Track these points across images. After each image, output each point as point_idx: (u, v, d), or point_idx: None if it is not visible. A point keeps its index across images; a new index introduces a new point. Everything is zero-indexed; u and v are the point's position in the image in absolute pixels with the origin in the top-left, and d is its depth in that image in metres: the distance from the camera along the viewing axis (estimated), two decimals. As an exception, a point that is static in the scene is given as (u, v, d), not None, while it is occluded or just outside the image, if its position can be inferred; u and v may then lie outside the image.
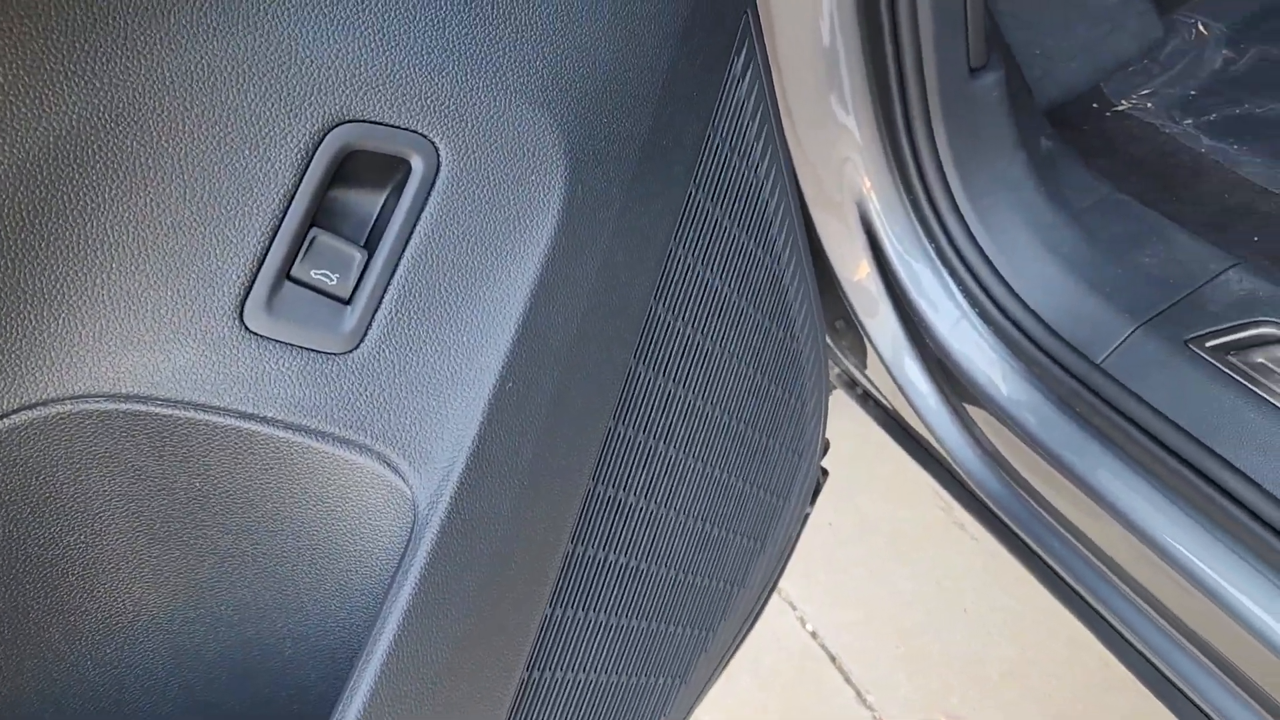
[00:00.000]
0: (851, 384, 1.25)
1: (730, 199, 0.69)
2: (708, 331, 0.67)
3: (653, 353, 0.63)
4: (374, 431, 0.51)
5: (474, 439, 0.52)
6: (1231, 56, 1.11)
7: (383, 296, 0.52)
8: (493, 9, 0.54)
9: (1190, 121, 1.06)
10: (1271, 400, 0.79)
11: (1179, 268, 0.94)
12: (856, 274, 1.01)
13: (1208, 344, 0.86)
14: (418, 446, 0.51)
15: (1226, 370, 0.83)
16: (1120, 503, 0.86)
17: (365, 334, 0.52)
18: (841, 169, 0.95)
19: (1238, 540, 0.78)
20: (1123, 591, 0.95)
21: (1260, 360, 0.84)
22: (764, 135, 0.71)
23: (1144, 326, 0.88)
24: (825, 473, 0.97)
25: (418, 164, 0.53)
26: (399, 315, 0.52)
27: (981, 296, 0.96)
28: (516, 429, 0.53)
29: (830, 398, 1.19)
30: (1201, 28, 1.15)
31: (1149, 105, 1.09)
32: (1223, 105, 1.06)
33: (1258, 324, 0.86)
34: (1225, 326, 0.86)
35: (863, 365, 1.12)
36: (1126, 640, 0.98)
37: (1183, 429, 0.81)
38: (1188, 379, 0.83)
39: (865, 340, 1.04)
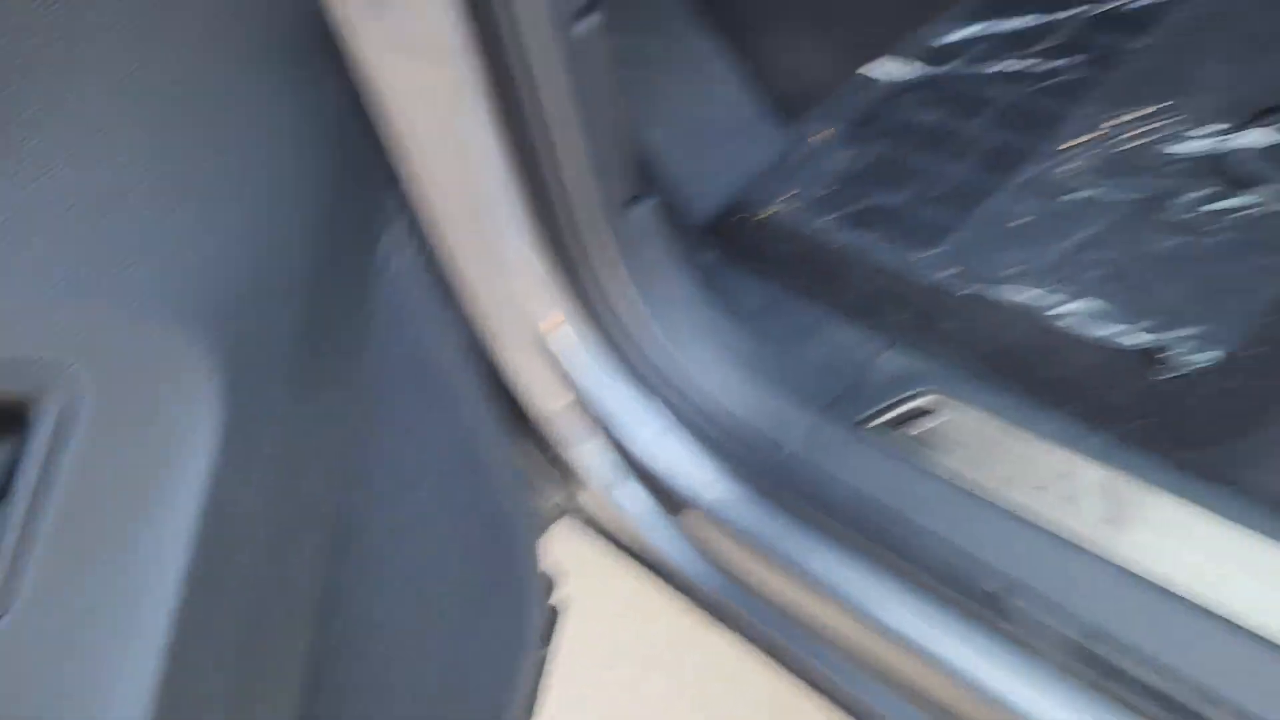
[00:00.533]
0: (571, 512, 1.27)
1: (406, 367, 0.69)
2: (406, 508, 0.66)
3: (352, 547, 0.61)
4: (31, 708, 0.46)
5: (153, 696, 0.47)
6: (853, 155, 1.25)
7: (25, 554, 0.47)
8: (117, 227, 0.51)
9: (827, 218, 1.17)
10: (930, 468, 0.88)
11: (842, 355, 1.03)
12: (557, 406, 1.03)
13: (875, 422, 0.94)
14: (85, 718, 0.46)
15: (892, 444, 0.91)
16: (831, 581, 0.91)
17: (9, 601, 0.47)
18: (526, 307, 0.97)
19: (935, 598, 0.85)
20: (851, 663, 1.01)
21: (917, 432, 0.93)
22: (432, 296, 0.72)
23: (821, 414, 0.95)
24: (557, 610, 0.96)
25: (52, 400, 0.49)
26: (47, 572, 0.48)
27: (680, 407, 1.00)
28: (204, 671, 0.49)
29: (554, 527, 1.19)
30: (824, 133, 1.28)
31: (790, 208, 1.20)
32: (851, 201, 1.19)
33: (912, 397, 0.95)
34: (887, 405, 0.95)
35: (577, 492, 1.14)
36: (863, 709, 1.03)
37: (868, 503, 0.87)
38: (864, 457, 0.91)
39: (576, 469, 1.06)
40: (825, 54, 1.34)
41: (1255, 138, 1.07)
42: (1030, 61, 1.26)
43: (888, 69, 1.33)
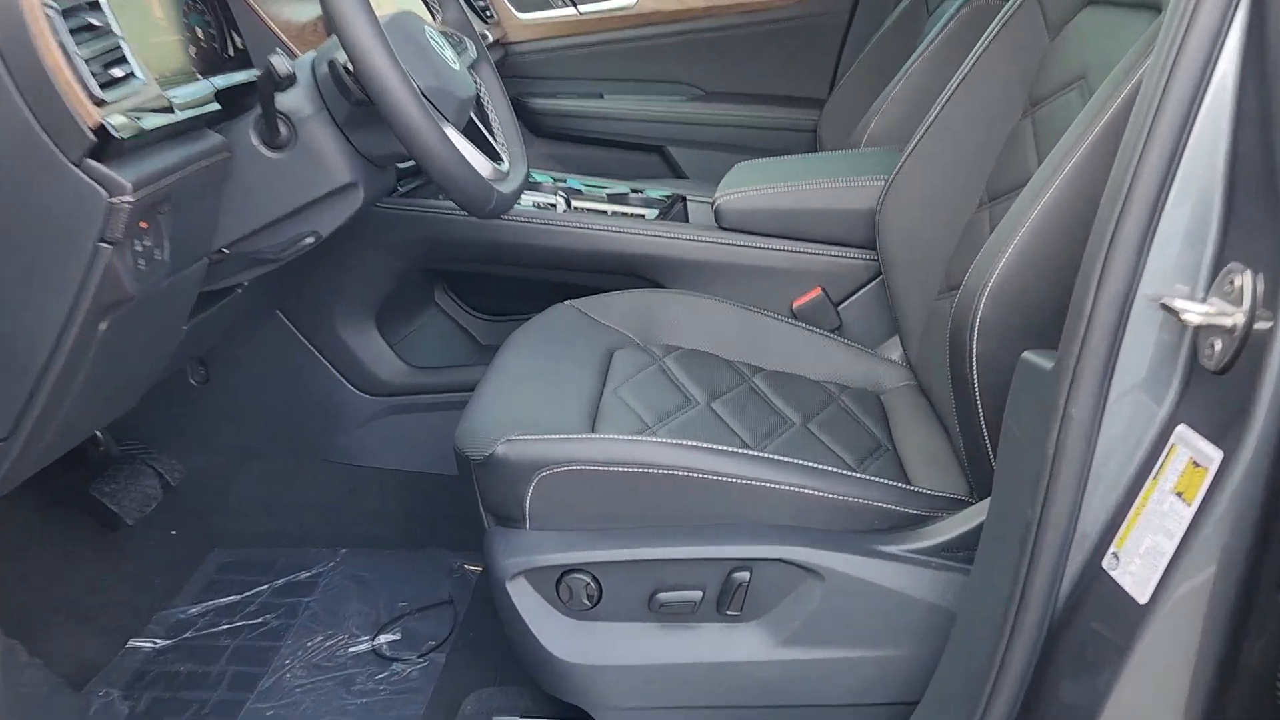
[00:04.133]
0: None
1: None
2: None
3: None
4: None
5: None
6: (132, 703, 1.74)
7: None
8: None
9: (129, 748, 1.63)
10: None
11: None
12: None
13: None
14: None
15: None
16: None
17: None
18: None
19: None
20: None
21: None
22: None
23: None
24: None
25: None
26: None
27: None
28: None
29: None
30: (107, 693, 1.75)
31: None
32: (144, 731, 1.67)
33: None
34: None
35: None
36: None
37: None
38: None
39: None
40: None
41: (381, 639, 1.88)
42: (245, 621, 1.94)
43: (147, 641, 1.88)
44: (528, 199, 2.11)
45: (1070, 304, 1.06)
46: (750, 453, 1.40)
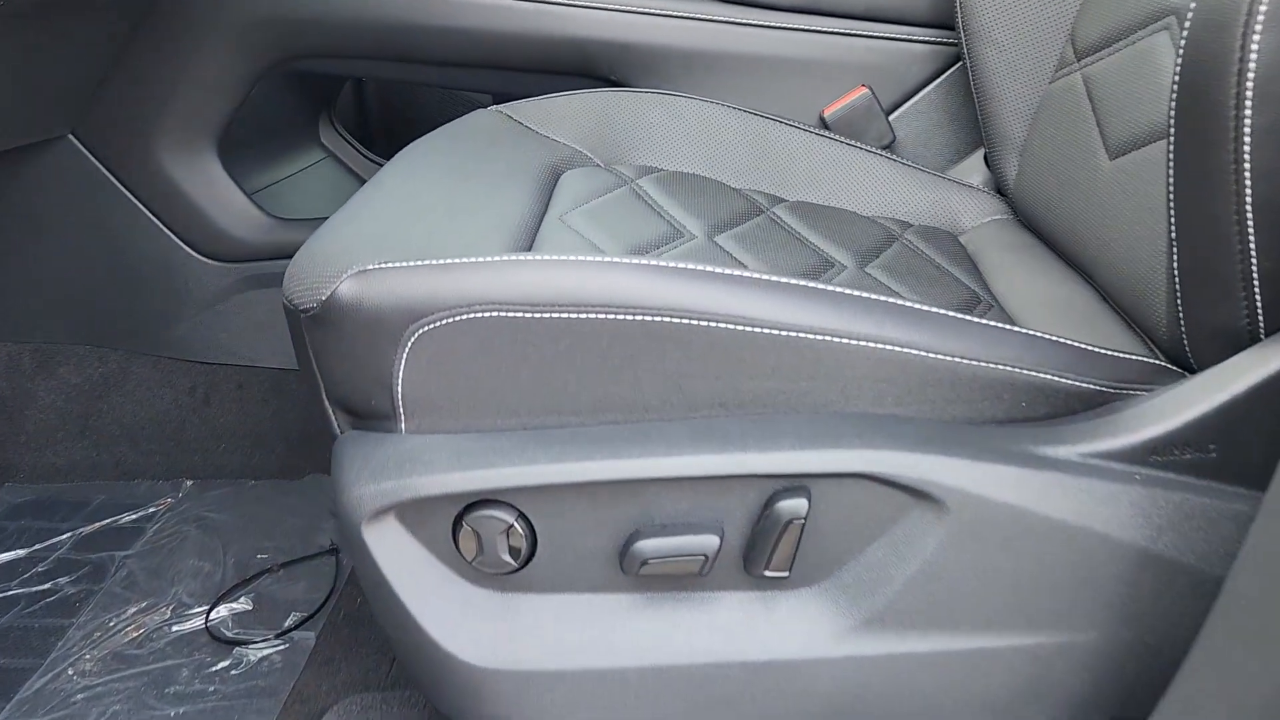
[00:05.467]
0: None
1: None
2: None
3: None
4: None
5: None
6: None
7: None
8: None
9: None
10: None
11: None
12: None
13: None
14: None
15: None
16: None
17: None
18: None
19: None
20: None
21: None
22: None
23: None
24: None
25: None
26: None
27: None
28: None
29: None
30: None
31: None
32: None
33: None
34: None
35: None
36: None
37: None
38: None
39: None
40: None
41: (222, 611, 1.27)
42: (26, 588, 1.32)
43: None
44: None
45: None
46: (799, 283, 0.78)
